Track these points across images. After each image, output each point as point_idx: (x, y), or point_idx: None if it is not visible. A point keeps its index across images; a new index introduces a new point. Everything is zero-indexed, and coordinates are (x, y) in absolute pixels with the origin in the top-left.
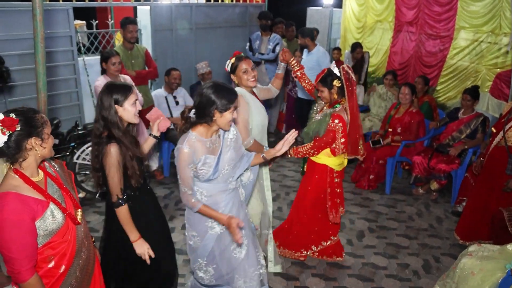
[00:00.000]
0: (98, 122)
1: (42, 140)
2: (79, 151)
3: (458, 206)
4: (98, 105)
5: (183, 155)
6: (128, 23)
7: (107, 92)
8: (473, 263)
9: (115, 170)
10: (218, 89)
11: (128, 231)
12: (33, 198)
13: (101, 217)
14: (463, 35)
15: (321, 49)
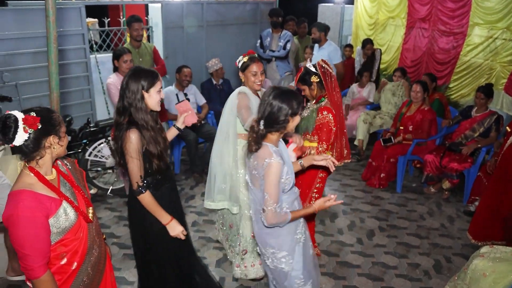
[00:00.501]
0: (120, 107)
1: (60, 139)
2: (91, 148)
3: (470, 206)
4: (122, 89)
5: (278, 168)
6: (133, 21)
7: (135, 77)
8: (485, 265)
9: (135, 157)
10: (285, 95)
11: (158, 216)
12: (46, 196)
13: (112, 213)
14: (477, 31)
15: (333, 44)
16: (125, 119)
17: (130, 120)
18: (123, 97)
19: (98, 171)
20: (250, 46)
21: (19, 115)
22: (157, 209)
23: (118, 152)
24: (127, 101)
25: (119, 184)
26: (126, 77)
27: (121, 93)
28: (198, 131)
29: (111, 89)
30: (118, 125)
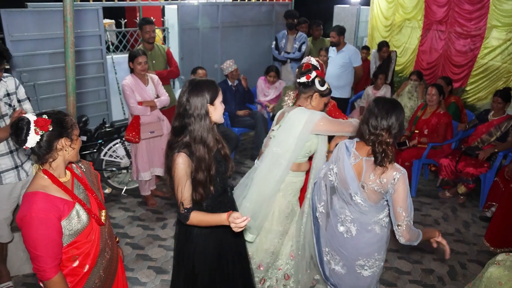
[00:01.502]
0: (177, 127)
1: (72, 141)
2: (106, 148)
3: (486, 211)
4: (182, 107)
5: (406, 180)
6: (144, 23)
7: (197, 90)
8: (501, 273)
9: (182, 182)
10: (394, 107)
11: (214, 223)
12: (60, 198)
13: (126, 213)
14: (495, 34)
15: (352, 47)
16: (181, 138)
17: (185, 141)
18: (182, 115)
19: (113, 171)
20: (265, 47)
21: (31, 117)
22: (209, 219)
23: (167, 170)
24: (188, 120)
25: (133, 184)
26: (186, 93)
27: (180, 111)
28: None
29: (125, 91)
30: (172, 144)
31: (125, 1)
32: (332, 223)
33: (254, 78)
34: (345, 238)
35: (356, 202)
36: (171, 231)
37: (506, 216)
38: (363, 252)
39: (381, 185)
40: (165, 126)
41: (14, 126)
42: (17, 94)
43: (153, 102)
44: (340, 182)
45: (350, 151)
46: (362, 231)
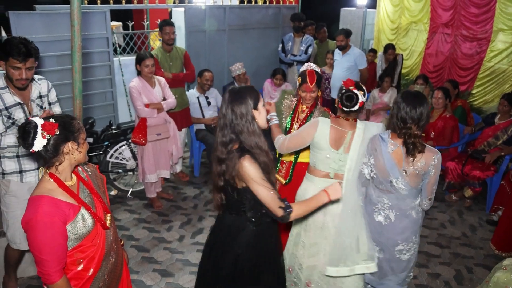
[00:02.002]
0: (227, 140)
1: (78, 145)
2: (112, 150)
3: (493, 215)
4: (227, 119)
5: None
6: (164, 25)
7: (239, 98)
8: (508, 278)
9: (262, 182)
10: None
11: (316, 207)
12: (65, 202)
13: (132, 215)
14: (501, 37)
15: (357, 49)
16: (233, 146)
17: (241, 148)
18: (231, 126)
19: (119, 173)
20: (271, 50)
21: (38, 121)
22: (313, 206)
23: (229, 187)
24: (237, 129)
25: (139, 186)
26: (228, 103)
27: (226, 123)
28: None
29: (132, 93)
30: (225, 153)
31: (133, 4)
32: (369, 214)
33: (260, 80)
34: (384, 225)
35: (396, 188)
36: (176, 234)
37: (511, 220)
38: (402, 236)
39: (422, 167)
40: (171, 128)
41: (21, 129)
42: (48, 96)
43: (160, 104)
44: (379, 172)
45: (386, 141)
46: (401, 216)
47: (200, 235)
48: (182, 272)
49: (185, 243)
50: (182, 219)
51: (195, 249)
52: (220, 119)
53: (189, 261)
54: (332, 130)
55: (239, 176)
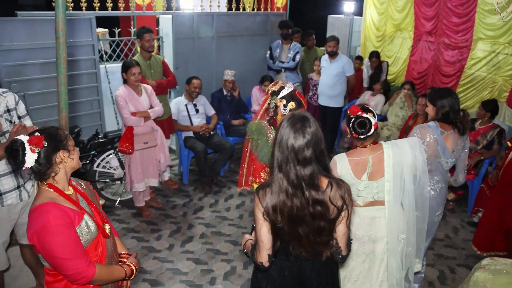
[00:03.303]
0: (310, 163)
1: (69, 152)
2: (99, 159)
3: (474, 217)
4: (310, 143)
5: None
6: (144, 32)
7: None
8: (486, 277)
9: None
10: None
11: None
12: (69, 208)
13: (120, 225)
14: (481, 46)
15: (345, 56)
16: (322, 162)
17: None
18: (317, 143)
19: (106, 182)
20: (260, 57)
21: (23, 138)
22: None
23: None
24: (318, 151)
25: (127, 195)
26: (313, 124)
27: (314, 140)
28: (207, 142)
29: (119, 101)
30: (319, 174)
31: (119, 11)
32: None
33: (249, 87)
34: (432, 197)
35: (443, 166)
36: (166, 243)
37: (491, 221)
38: (442, 202)
39: (461, 145)
40: (159, 136)
41: (8, 149)
42: (17, 110)
43: (147, 112)
44: (430, 156)
45: (438, 129)
46: (445, 187)
47: (190, 243)
48: (172, 281)
49: (174, 252)
50: (171, 228)
51: (185, 257)
52: (311, 141)
53: (179, 270)
54: (351, 163)
55: (347, 205)
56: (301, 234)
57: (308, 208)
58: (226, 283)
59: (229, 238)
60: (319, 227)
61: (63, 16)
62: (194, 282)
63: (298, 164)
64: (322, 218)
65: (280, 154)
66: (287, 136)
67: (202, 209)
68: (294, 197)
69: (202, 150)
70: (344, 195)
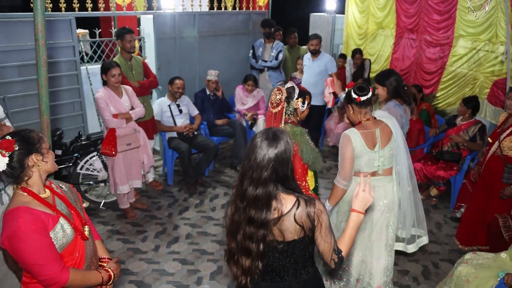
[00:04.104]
0: (265, 184)
1: (43, 155)
2: (82, 162)
3: (456, 212)
4: (270, 162)
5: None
6: (125, 33)
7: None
8: (468, 271)
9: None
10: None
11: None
12: (43, 212)
13: (105, 227)
14: (462, 43)
15: (327, 55)
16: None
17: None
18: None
19: (90, 184)
20: (242, 56)
21: None
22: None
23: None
24: (281, 174)
25: (111, 197)
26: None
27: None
28: (191, 142)
29: (100, 103)
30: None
31: (99, 11)
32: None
33: (232, 87)
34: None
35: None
36: (151, 244)
37: (473, 216)
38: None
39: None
40: (141, 137)
41: None
42: None
43: (129, 114)
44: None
45: (398, 105)
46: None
47: (176, 244)
48: (159, 282)
49: (161, 253)
50: (157, 229)
51: (171, 258)
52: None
53: (165, 271)
54: (363, 135)
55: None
56: (230, 248)
57: (244, 225)
58: (213, 283)
59: (215, 238)
60: (247, 247)
61: (42, 18)
62: (181, 282)
63: (252, 182)
64: (253, 241)
65: (244, 166)
66: (253, 150)
67: (187, 209)
68: (237, 210)
69: (186, 150)
70: (313, 214)
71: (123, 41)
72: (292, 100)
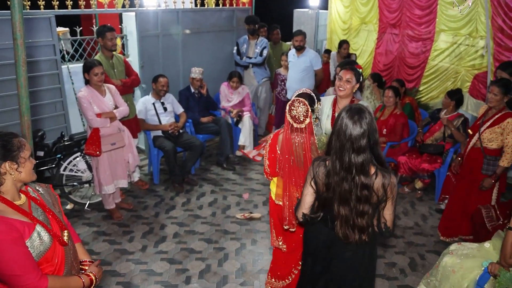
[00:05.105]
0: (364, 151)
1: (18, 165)
2: (65, 162)
3: (441, 204)
4: (365, 133)
5: None
6: (106, 31)
7: (368, 112)
8: (454, 262)
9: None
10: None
11: None
12: (18, 221)
13: (91, 228)
14: (443, 37)
15: (312, 50)
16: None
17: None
18: (369, 138)
19: (74, 185)
20: (227, 53)
21: None
22: None
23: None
24: (373, 141)
25: (96, 198)
26: (369, 118)
27: (362, 138)
28: (176, 140)
29: (82, 103)
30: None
31: (80, 9)
32: None
33: (217, 84)
34: None
35: None
36: (138, 244)
37: (455, 208)
38: None
39: None
40: (126, 136)
41: None
42: None
43: (113, 113)
44: None
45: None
46: None
47: (163, 244)
48: (147, 283)
49: (148, 253)
50: (143, 229)
51: (159, 258)
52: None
53: (153, 271)
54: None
55: (391, 191)
56: (343, 215)
57: (356, 191)
58: (202, 281)
59: (203, 236)
60: (362, 210)
61: (20, 16)
62: (169, 282)
63: (353, 152)
64: (366, 202)
65: (337, 142)
66: (346, 126)
67: (174, 208)
68: (344, 180)
69: (171, 149)
70: (387, 185)
71: (104, 39)
72: (315, 106)
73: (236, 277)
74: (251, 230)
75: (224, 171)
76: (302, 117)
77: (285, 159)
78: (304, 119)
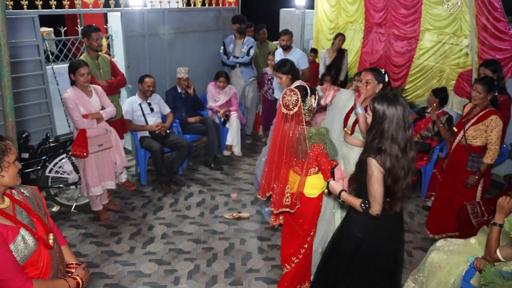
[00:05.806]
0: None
1: (1, 169)
2: (51, 164)
3: (427, 201)
4: (377, 121)
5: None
6: (91, 31)
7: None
8: (440, 258)
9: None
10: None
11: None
12: (2, 225)
13: (77, 230)
14: (428, 36)
15: (298, 50)
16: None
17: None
18: (382, 126)
19: (60, 187)
20: (213, 53)
21: None
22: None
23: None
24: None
25: (83, 200)
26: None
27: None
28: (163, 140)
29: (68, 104)
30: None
31: (64, 9)
32: None
33: (203, 83)
34: None
35: None
36: (126, 245)
37: (441, 204)
38: None
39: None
40: (113, 137)
41: None
42: None
43: (99, 114)
44: None
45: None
46: None
47: (152, 245)
48: (135, 284)
49: (136, 254)
50: (131, 230)
51: (147, 259)
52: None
53: (141, 272)
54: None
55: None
56: (398, 190)
57: (410, 165)
58: (191, 281)
59: (191, 237)
60: (408, 182)
61: (2, 16)
62: (158, 283)
63: (406, 129)
64: (412, 173)
65: (393, 128)
66: (394, 111)
67: (162, 209)
68: (402, 159)
69: (158, 149)
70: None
71: (89, 40)
72: (307, 98)
73: (225, 276)
74: (239, 230)
75: (211, 171)
76: (291, 105)
77: (274, 143)
78: (293, 108)
